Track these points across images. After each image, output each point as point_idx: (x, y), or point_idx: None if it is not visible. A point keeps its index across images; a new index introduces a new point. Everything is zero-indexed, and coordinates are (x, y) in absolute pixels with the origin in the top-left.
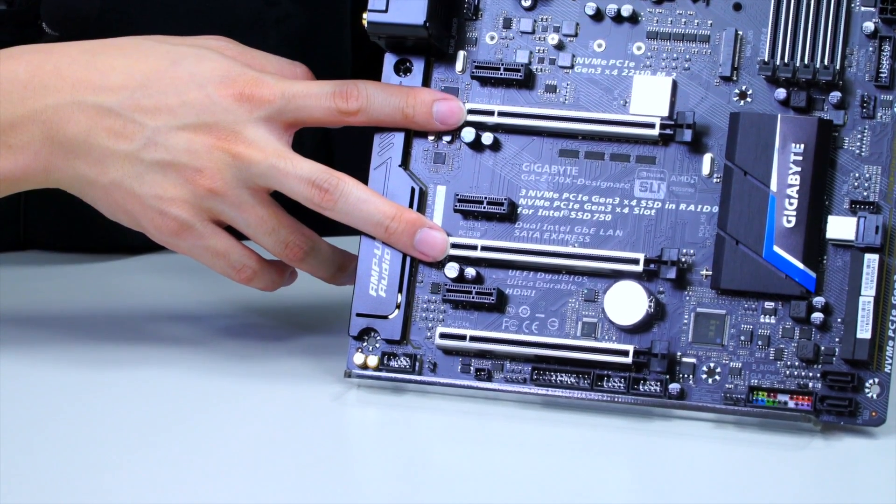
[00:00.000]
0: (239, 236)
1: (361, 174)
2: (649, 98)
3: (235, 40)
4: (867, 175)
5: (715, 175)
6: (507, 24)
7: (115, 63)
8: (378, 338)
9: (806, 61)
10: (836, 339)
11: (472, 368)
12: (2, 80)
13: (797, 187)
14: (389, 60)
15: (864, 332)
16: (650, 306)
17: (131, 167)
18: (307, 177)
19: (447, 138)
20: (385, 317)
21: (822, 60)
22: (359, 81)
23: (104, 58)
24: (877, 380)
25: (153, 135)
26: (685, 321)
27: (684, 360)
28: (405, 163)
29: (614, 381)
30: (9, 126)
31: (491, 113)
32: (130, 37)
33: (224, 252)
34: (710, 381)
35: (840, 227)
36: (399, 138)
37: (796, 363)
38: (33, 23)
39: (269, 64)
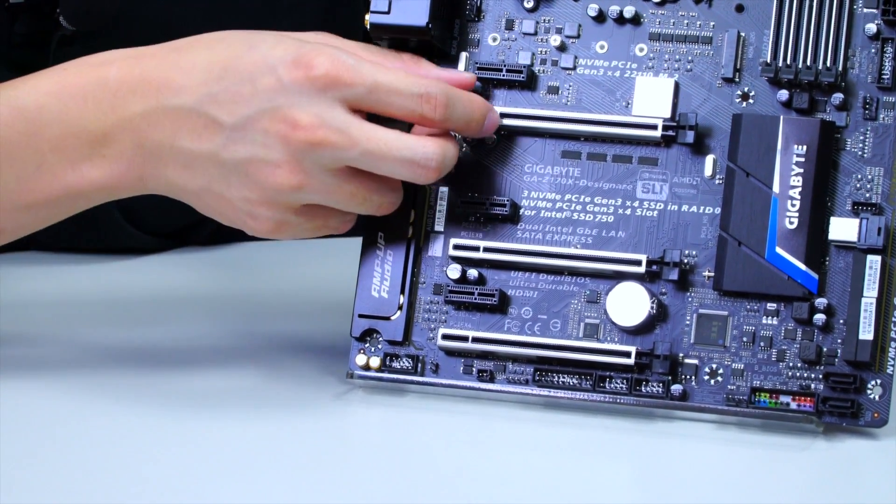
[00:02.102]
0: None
1: None
2: (651, 99)
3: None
4: (869, 176)
5: (717, 176)
6: (510, 25)
7: (197, 59)
8: (380, 339)
9: (808, 63)
10: (839, 341)
11: (474, 369)
12: (93, 88)
13: (799, 189)
14: None
15: (867, 333)
16: (652, 307)
17: (216, 169)
18: (410, 158)
19: None
20: (387, 318)
21: (824, 62)
22: (447, 88)
23: (189, 54)
24: (879, 381)
25: (231, 132)
26: (687, 322)
27: (686, 361)
28: None
29: (616, 383)
30: (101, 135)
31: None
32: (226, 31)
33: (322, 225)
34: (712, 382)
35: (842, 228)
36: None
37: (798, 364)
38: (50, 16)
39: (362, 48)
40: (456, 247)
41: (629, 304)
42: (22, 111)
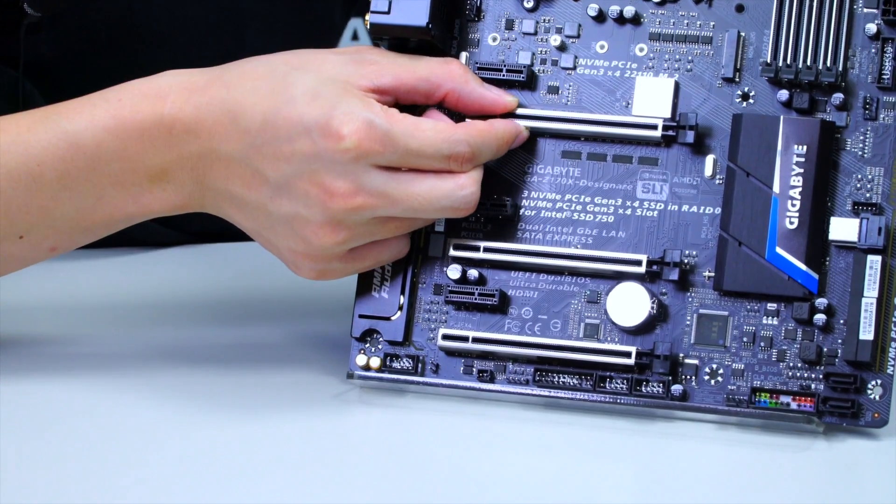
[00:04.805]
0: None
1: None
2: (652, 99)
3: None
4: (869, 176)
5: (717, 176)
6: (510, 25)
7: (244, 101)
8: (380, 339)
9: (808, 63)
10: (839, 341)
11: (474, 370)
12: (149, 126)
13: (800, 189)
14: None
15: (867, 333)
16: (653, 308)
17: (265, 218)
18: (450, 206)
19: None
20: (388, 318)
21: (824, 62)
22: (474, 140)
23: (236, 93)
24: (879, 381)
25: (275, 186)
26: (688, 322)
27: (687, 361)
28: None
29: (617, 383)
30: (161, 171)
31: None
32: (268, 62)
33: (373, 265)
34: (712, 382)
35: (842, 228)
36: None
37: (799, 364)
38: (15, 4)
39: (406, 74)
40: (456, 247)
41: (629, 304)
42: (80, 148)
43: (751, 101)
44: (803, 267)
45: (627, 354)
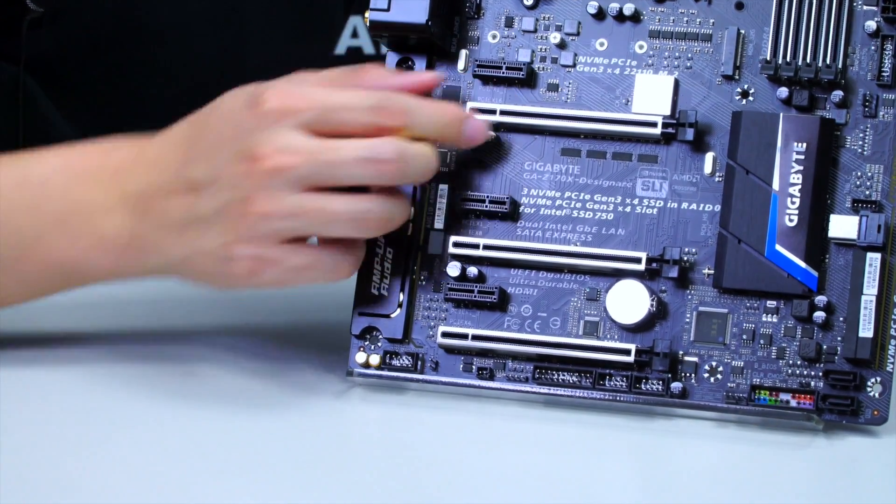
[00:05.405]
0: None
1: None
2: (651, 97)
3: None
4: (869, 174)
5: (717, 174)
6: (509, 22)
7: (187, 127)
8: (380, 336)
9: (808, 60)
10: (839, 338)
11: (474, 367)
12: (95, 169)
13: (799, 186)
14: (391, 59)
15: (866, 330)
16: (652, 305)
17: (202, 227)
18: (364, 156)
19: None
20: (387, 315)
21: (824, 59)
22: (404, 97)
23: (180, 125)
24: (879, 378)
25: (207, 187)
26: (687, 320)
27: (686, 358)
28: None
29: (616, 380)
30: (104, 210)
31: (493, 112)
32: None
33: (311, 264)
34: (712, 379)
35: (842, 225)
36: None
37: (798, 362)
38: (17, 0)
39: (325, 81)
40: (456, 244)
41: (629, 301)
42: (25, 182)
43: (750, 98)
44: (803, 264)
45: (627, 352)
